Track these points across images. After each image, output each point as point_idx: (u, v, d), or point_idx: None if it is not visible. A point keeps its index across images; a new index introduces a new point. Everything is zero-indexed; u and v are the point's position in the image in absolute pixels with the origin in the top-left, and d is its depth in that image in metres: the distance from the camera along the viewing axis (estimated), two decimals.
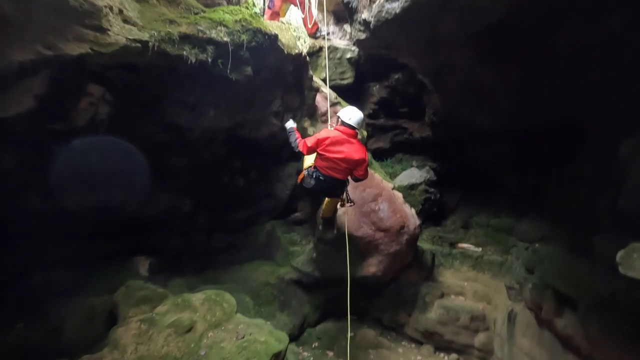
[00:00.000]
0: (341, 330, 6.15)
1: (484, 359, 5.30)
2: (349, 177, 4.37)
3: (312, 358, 5.45)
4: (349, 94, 7.33)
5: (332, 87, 6.95)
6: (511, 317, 4.86)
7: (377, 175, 5.99)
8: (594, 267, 3.29)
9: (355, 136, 4.20)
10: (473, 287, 5.89)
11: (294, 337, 5.89)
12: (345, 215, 5.59)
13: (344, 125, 4.18)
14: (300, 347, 5.78)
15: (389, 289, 6.04)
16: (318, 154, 4.17)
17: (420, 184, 7.24)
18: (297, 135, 4.29)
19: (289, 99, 5.73)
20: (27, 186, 3.41)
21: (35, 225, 3.72)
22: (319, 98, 6.38)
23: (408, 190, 7.12)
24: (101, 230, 4.48)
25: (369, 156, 6.27)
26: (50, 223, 3.81)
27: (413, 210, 5.81)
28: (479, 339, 5.34)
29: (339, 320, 6.38)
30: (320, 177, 4.19)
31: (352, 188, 5.75)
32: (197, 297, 4.35)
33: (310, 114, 6.31)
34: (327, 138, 4.08)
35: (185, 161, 5.02)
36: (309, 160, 4.51)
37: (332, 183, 4.26)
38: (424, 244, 6.86)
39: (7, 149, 3.30)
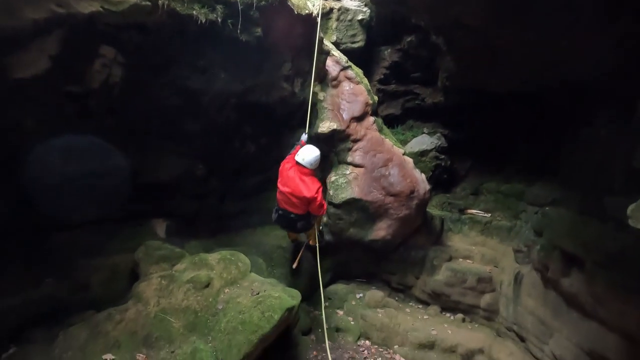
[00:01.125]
0: (351, 291, 6.40)
1: (489, 318, 5.49)
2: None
3: (322, 316, 5.70)
4: (359, 58, 7.17)
5: (342, 51, 6.82)
6: (517, 279, 4.97)
7: (387, 140, 5.97)
8: (604, 227, 3.32)
9: (309, 174, 4.44)
10: (481, 251, 6.00)
11: (305, 298, 6.12)
12: (356, 180, 5.68)
13: (298, 164, 4.43)
14: (312, 307, 6.05)
15: (397, 253, 6.19)
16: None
17: (431, 150, 7.21)
18: (293, 152, 4.69)
19: (299, 63, 5.64)
20: (48, 147, 3.51)
21: (59, 186, 3.85)
22: (329, 62, 6.26)
23: (418, 157, 7.11)
24: (120, 194, 4.61)
25: (379, 122, 6.26)
26: (72, 185, 3.94)
27: (423, 176, 5.85)
28: (485, 299, 5.51)
29: (349, 283, 6.62)
30: (279, 211, 4.59)
31: (363, 153, 5.81)
32: (213, 257, 4.53)
33: (321, 78, 6.22)
34: (285, 164, 4.56)
35: (198, 126, 5.06)
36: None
37: (288, 216, 4.53)
38: (434, 210, 6.93)
39: (26, 111, 3.37)
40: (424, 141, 7.40)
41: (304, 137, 4.85)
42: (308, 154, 4.44)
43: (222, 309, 3.92)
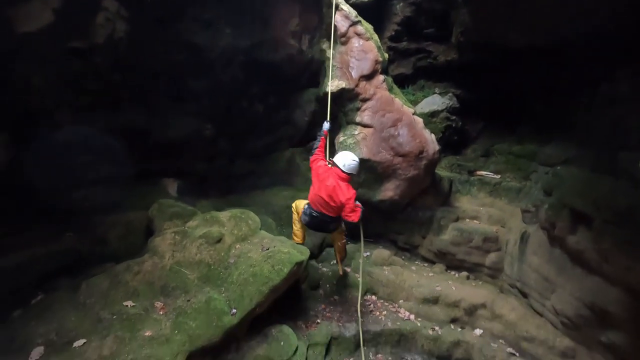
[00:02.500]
0: (357, 250, 6.55)
1: (493, 276, 5.61)
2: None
3: (330, 272, 5.90)
4: (370, 12, 6.84)
5: (352, 5, 6.48)
6: (524, 238, 5.02)
7: (397, 100, 5.83)
8: (615, 184, 3.27)
9: (347, 180, 4.34)
10: (488, 212, 6.01)
11: (313, 255, 6.33)
12: (365, 140, 5.63)
13: (337, 168, 4.35)
14: (320, 264, 6.24)
15: (405, 213, 6.25)
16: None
17: (442, 111, 7.04)
18: (320, 146, 4.70)
19: (307, 18, 5.44)
20: (57, 104, 3.54)
21: (73, 145, 3.93)
22: (338, 17, 5.99)
23: (429, 118, 6.97)
24: (133, 153, 4.69)
25: (389, 80, 6.08)
26: (86, 143, 4.02)
27: (433, 136, 5.76)
28: (490, 258, 5.60)
29: (357, 242, 6.76)
30: (313, 214, 4.42)
31: (372, 113, 5.71)
32: (224, 214, 4.65)
33: (329, 34, 6.00)
34: (320, 167, 4.43)
35: (204, 84, 5.02)
36: (301, 203, 4.78)
37: (323, 219, 4.42)
38: (442, 172, 6.89)
39: (34, 68, 3.37)
40: (435, 102, 7.21)
41: (326, 126, 4.84)
42: (350, 160, 4.35)
43: (234, 263, 4.09)
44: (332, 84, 5.51)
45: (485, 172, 6.65)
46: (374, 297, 5.64)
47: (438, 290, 5.30)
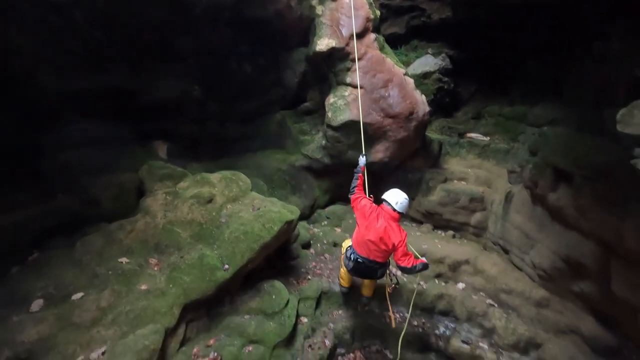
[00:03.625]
0: (348, 211, 6.72)
1: (478, 235, 5.83)
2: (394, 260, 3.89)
3: (321, 233, 6.08)
4: None
5: None
6: (508, 197, 5.17)
7: (388, 60, 5.73)
8: (597, 141, 3.34)
9: (398, 220, 3.84)
10: (476, 174, 6.13)
11: (305, 217, 6.49)
12: (355, 102, 5.59)
13: (388, 205, 3.85)
14: (311, 225, 6.41)
15: (395, 175, 6.34)
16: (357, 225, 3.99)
17: (435, 72, 6.94)
18: (359, 184, 4.22)
19: None
20: (38, 63, 3.43)
21: (60, 106, 3.86)
22: None
23: (421, 80, 6.89)
24: (121, 115, 4.63)
25: (380, 39, 5.94)
26: (72, 104, 3.95)
27: (423, 97, 5.72)
28: (475, 217, 5.78)
29: (347, 204, 6.90)
30: (358, 259, 3.90)
31: (363, 73, 5.61)
32: (214, 176, 4.70)
33: None
34: (366, 207, 3.89)
35: (191, 43, 4.87)
36: (347, 242, 4.33)
37: (370, 265, 3.88)
38: (433, 134, 6.93)
39: (14, 26, 3.23)
40: (428, 62, 7.08)
41: (362, 160, 4.42)
42: (403, 198, 3.88)
43: (226, 222, 4.19)
44: (322, 43, 5.37)
45: (475, 135, 6.69)
46: None
47: (424, 248, 5.51)
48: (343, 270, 4.44)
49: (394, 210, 3.78)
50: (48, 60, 3.52)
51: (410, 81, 5.74)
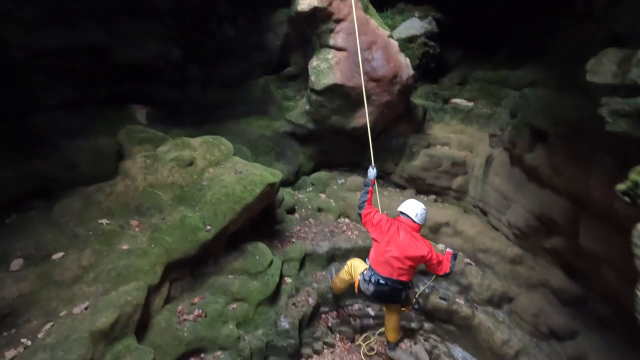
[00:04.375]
0: (333, 178, 6.76)
1: (459, 198, 5.96)
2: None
3: (306, 199, 6.14)
4: None
5: None
6: (488, 161, 5.26)
7: (372, 21, 5.58)
8: (573, 99, 3.38)
9: (417, 231, 3.61)
10: (459, 138, 6.19)
11: (290, 183, 6.52)
12: (339, 65, 5.49)
13: (406, 217, 3.63)
14: (296, 191, 6.46)
15: (379, 141, 6.34)
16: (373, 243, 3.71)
17: (420, 36, 6.81)
18: (369, 198, 3.86)
19: None
20: (1, 17, 3.25)
21: (30, 66, 3.71)
22: None
23: (406, 43, 6.76)
24: (96, 76, 4.47)
25: (364, 0, 5.75)
26: (42, 63, 3.79)
27: (408, 60, 5.65)
28: (457, 181, 5.89)
29: (332, 171, 6.94)
30: (380, 281, 3.52)
31: (346, 35, 5.49)
32: (195, 140, 4.64)
33: None
34: (382, 221, 3.61)
35: (167, 0, 4.64)
36: (361, 266, 3.95)
37: (394, 286, 3.53)
38: (418, 100, 6.90)
39: None
40: (414, 25, 6.93)
41: (372, 173, 4.08)
42: (420, 208, 3.66)
43: (207, 185, 4.18)
44: (304, 3, 5.19)
45: (459, 100, 6.69)
46: (347, 220, 5.97)
47: None
48: (340, 279, 4.29)
49: (414, 222, 3.57)
50: (12, 14, 3.33)
51: (395, 44, 5.63)
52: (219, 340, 3.56)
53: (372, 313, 5.07)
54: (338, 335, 4.90)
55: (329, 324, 4.89)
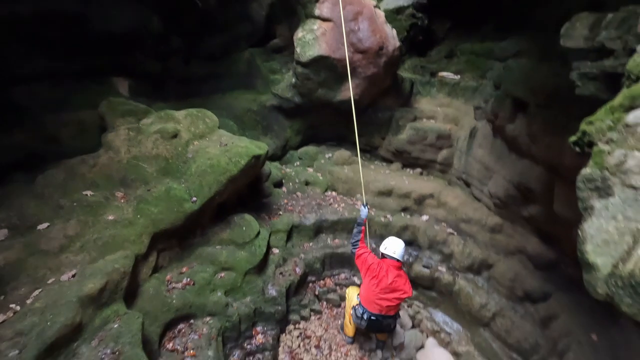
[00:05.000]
0: (320, 152, 6.79)
1: (443, 171, 6.07)
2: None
3: (294, 173, 6.18)
4: None
5: None
6: (472, 133, 5.34)
7: None
8: (552, 68, 3.42)
9: (400, 268, 3.92)
10: (445, 112, 6.23)
11: (277, 157, 6.54)
12: (324, 36, 5.41)
13: (385, 257, 3.94)
14: (284, 165, 6.49)
15: (366, 115, 6.37)
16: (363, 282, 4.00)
17: (408, 7, 6.71)
18: (362, 238, 4.13)
19: None
20: None
21: (2, 34, 3.58)
22: None
23: (394, 15, 6.67)
24: (73, 46, 4.34)
25: None
26: (16, 33, 3.66)
27: (394, 31, 5.59)
28: (442, 154, 5.99)
29: (320, 145, 6.96)
30: (372, 318, 3.86)
31: (332, 5, 5.39)
32: (179, 113, 4.59)
33: None
34: (373, 264, 3.87)
35: None
36: (353, 296, 4.23)
37: (384, 322, 3.91)
38: (405, 73, 6.88)
39: None
40: None
41: (365, 212, 4.28)
42: (398, 245, 3.99)
43: (192, 157, 4.18)
44: None
45: (447, 73, 6.69)
46: (334, 193, 6.06)
47: (392, 184, 5.73)
48: (348, 319, 4.39)
49: (398, 260, 3.90)
50: None
51: (381, 14, 5.55)
52: (208, 307, 3.68)
53: (358, 282, 5.24)
54: (325, 302, 5.08)
55: (316, 292, 5.06)
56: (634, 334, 3.04)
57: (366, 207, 4.35)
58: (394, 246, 3.99)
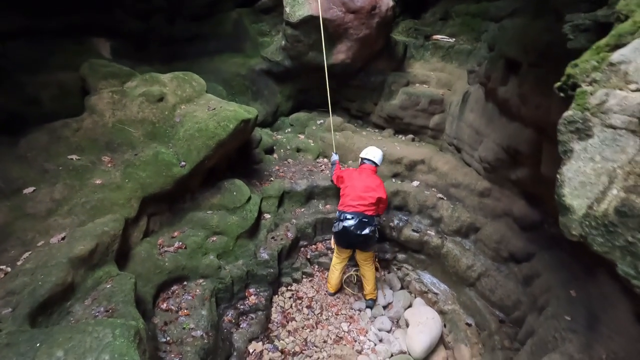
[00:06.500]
0: (312, 119, 6.70)
1: (435, 137, 6.05)
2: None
3: (285, 139, 6.13)
4: None
5: None
6: (465, 97, 5.27)
7: None
8: (545, 25, 3.33)
9: (375, 172, 4.43)
10: (438, 76, 6.12)
11: (268, 124, 6.45)
12: None
13: (364, 163, 4.48)
14: (275, 132, 6.42)
15: (357, 79, 6.24)
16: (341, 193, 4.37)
17: None
18: (337, 168, 4.73)
19: None
20: None
21: None
22: None
23: None
24: (48, 2, 4.11)
25: None
26: None
27: None
28: (434, 120, 5.94)
29: (311, 112, 6.86)
30: (348, 216, 4.10)
31: None
32: (165, 76, 4.46)
33: None
34: (347, 171, 4.49)
35: None
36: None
37: (360, 220, 4.07)
38: (398, 36, 6.68)
39: None
40: None
41: (335, 157, 4.95)
42: (376, 150, 4.55)
43: (180, 122, 4.10)
44: None
45: (441, 36, 6.51)
46: (325, 160, 6.04)
47: (384, 150, 5.68)
48: (331, 272, 4.71)
49: (373, 164, 4.44)
50: None
51: None
52: (200, 269, 3.74)
53: None
54: (317, 266, 5.20)
55: (308, 256, 5.17)
56: (608, 286, 3.17)
57: (336, 154, 5.00)
58: (370, 151, 4.52)
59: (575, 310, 3.23)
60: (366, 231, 4.11)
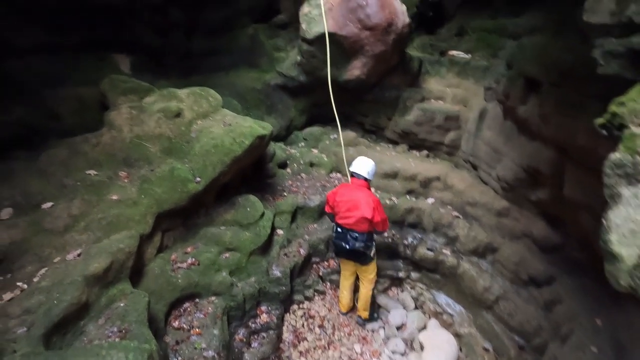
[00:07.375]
0: (325, 133, 6.69)
1: (450, 153, 5.96)
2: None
3: (298, 153, 6.11)
4: None
5: None
6: (482, 114, 5.20)
7: None
8: (567, 44, 3.26)
9: (366, 187, 4.08)
10: (454, 92, 6.06)
11: (281, 138, 6.45)
12: (331, 12, 5.22)
13: (353, 176, 4.14)
14: (288, 146, 6.41)
15: (372, 94, 6.21)
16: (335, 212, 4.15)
17: None
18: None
19: None
20: None
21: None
22: None
23: None
24: (72, 17, 4.22)
25: None
26: (12, 1, 3.54)
27: (404, 7, 5.36)
28: (449, 136, 5.86)
29: (325, 126, 6.84)
30: (339, 229, 4.04)
31: None
32: (182, 91, 4.50)
33: None
34: (334, 192, 4.15)
35: None
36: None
37: (350, 235, 3.96)
38: (414, 52, 6.67)
39: None
40: None
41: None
42: (365, 163, 4.16)
43: (196, 137, 4.12)
44: None
45: (457, 52, 6.47)
46: (339, 175, 6.00)
47: (398, 166, 5.65)
48: (340, 291, 4.70)
49: (363, 179, 4.07)
50: None
51: None
52: (213, 286, 3.70)
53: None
54: (329, 283, 5.11)
55: (320, 273, 5.09)
56: (636, 317, 3.03)
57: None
58: (359, 164, 4.14)
59: (602, 341, 3.08)
60: (356, 246, 3.96)
